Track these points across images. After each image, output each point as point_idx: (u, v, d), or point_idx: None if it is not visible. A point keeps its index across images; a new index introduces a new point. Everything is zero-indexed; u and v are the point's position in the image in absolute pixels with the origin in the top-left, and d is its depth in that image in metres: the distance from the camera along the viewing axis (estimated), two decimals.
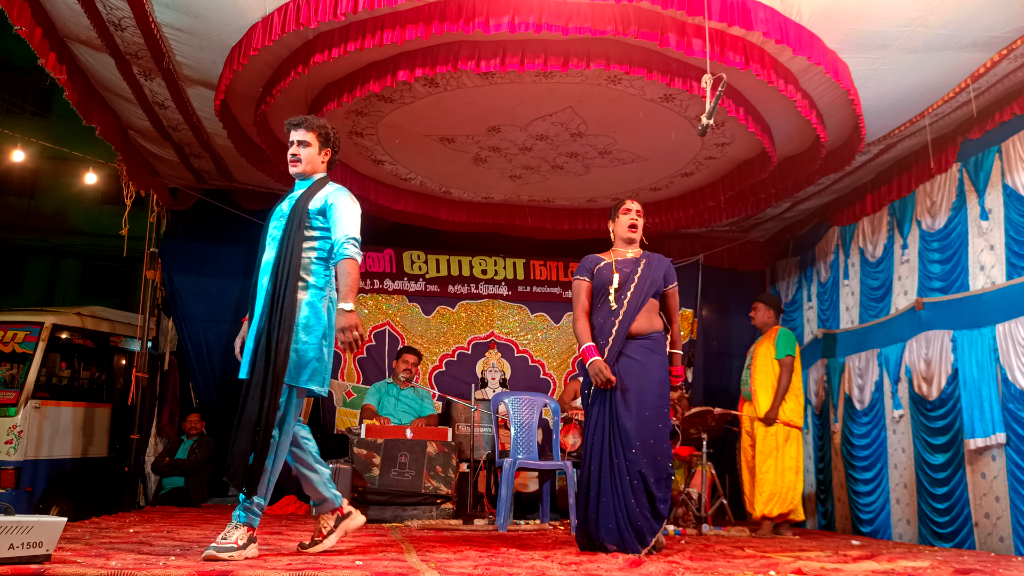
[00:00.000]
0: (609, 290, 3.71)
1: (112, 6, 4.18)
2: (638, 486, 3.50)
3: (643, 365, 3.62)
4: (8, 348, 6.31)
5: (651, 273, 3.76)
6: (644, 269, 3.76)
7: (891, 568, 3.35)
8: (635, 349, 3.65)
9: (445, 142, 5.99)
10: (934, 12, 3.97)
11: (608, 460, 3.55)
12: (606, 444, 3.57)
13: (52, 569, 2.45)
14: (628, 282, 3.72)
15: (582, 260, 3.90)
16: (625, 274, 3.74)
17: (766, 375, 5.80)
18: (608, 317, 3.68)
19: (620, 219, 3.92)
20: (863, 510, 6.07)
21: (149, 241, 6.86)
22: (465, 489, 6.11)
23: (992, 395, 4.80)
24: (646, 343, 3.68)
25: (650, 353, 3.66)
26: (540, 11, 3.96)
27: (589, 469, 3.61)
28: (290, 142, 3.37)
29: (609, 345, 3.63)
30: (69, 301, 14.05)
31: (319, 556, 3.17)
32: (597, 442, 3.60)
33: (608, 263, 3.81)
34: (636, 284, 3.71)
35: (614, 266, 3.78)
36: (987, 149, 5.08)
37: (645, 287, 3.71)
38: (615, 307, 3.68)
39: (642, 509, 3.50)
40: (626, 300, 3.68)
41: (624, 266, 3.78)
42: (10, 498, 5.67)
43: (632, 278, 3.73)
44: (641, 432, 3.54)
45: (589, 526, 3.58)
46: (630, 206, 3.93)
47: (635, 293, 3.69)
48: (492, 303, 7.89)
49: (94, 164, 9.15)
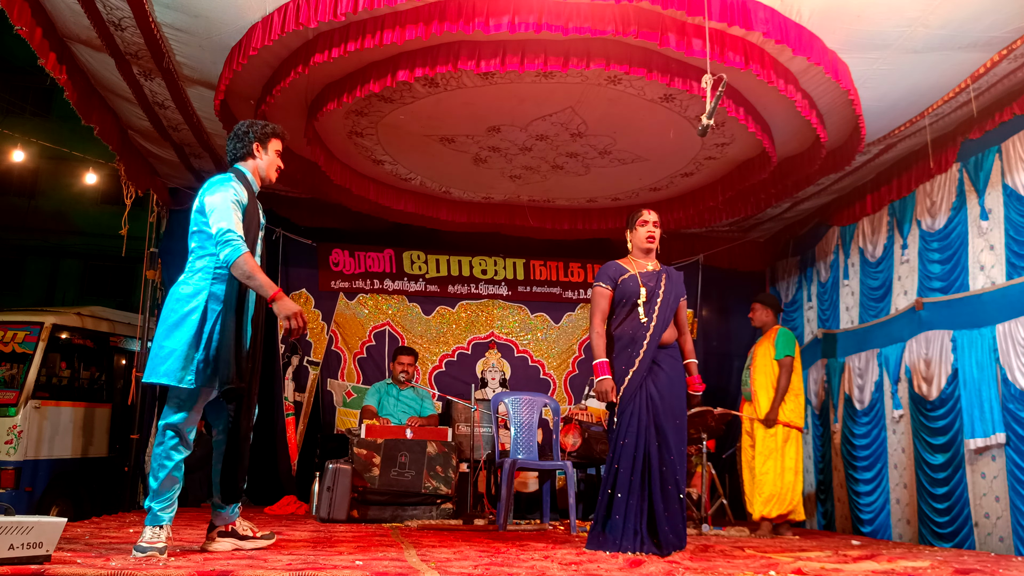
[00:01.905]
0: (638, 303, 3.82)
1: (112, 6, 4.18)
2: (672, 492, 3.57)
3: (670, 376, 3.78)
4: (8, 348, 6.31)
5: (673, 288, 3.92)
6: (667, 284, 3.90)
7: (891, 568, 3.35)
8: (663, 358, 3.81)
9: (445, 142, 5.99)
10: (934, 12, 3.97)
11: (643, 465, 3.59)
12: (641, 448, 3.61)
13: (52, 569, 2.45)
14: (655, 296, 3.84)
15: (604, 266, 3.97)
16: (651, 288, 3.86)
17: (765, 375, 5.80)
18: (639, 329, 3.79)
19: (638, 230, 3.98)
20: (863, 510, 6.07)
21: (149, 241, 6.86)
22: (465, 489, 6.12)
23: (992, 395, 4.80)
24: (671, 351, 3.86)
25: (675, 362, 3.85)
26: (540, 11, 3.96)
27: (618, 472, 3.62)
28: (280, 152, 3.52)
29: (641, 356, 3.74)
30: (69, 301, 14.04)
31: (319, 556, 3.17)
32: (631, 444, 3.62)
33: (633, 275, 3.89)
34: (662, 299, 3.84)
35: (639, 279, 3.87)
36: (987, 149, 5.08)
37: (670, 301, 3.87)
38: (645, 320, 3.79)
39: (672, 516, 3.55)
40: (655, 314, 3.80)
41: (648, 280, 3.89)
42: (10, 498, 5.67)
43: (658, 292, 3.86)
44: (678, 440, 3.65)
45: (611, 529, 3.57)
46: (647, 217, 3.99)
47: (662, 307, 3.83)
48: (492, 303, 7.89)
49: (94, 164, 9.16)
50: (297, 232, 7.53)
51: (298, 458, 7.09)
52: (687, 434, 3.75)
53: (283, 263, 7.45)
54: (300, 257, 7.55)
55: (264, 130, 3.43)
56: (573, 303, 8.00)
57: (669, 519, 3.54)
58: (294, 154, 6.17)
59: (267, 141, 3.43)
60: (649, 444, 3.61)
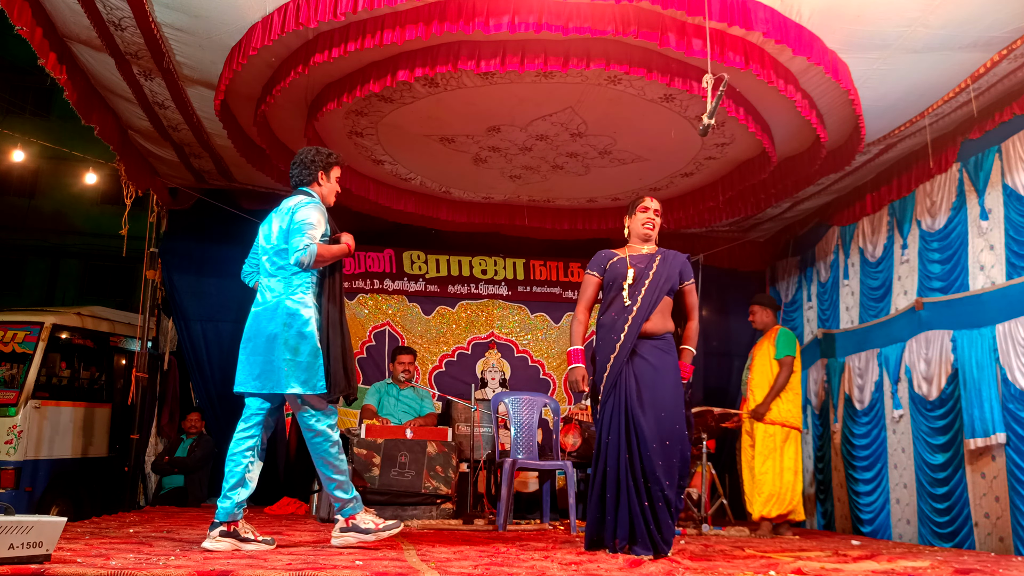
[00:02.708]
0: (623, 285, 3.60)
1: (112, 6, 4.18)
2: (655, 489, 3.36)
3: (656, 367, 3.52)
4: (8, 348, 6.30)
5: (666, 269, 3.65)
6: (659, 265, 3.65)
7: (891, 568, 3.35)
8: (648, 350, 3.55)
9: (445, 142, 5.99)
10: (934, 12, 3.97)
11: (626, 461, 3.41)
12: (622, 444, 3.43)
13: (52, 569, 2.45)
14: (643, 278, 3.61)
15: (596, 254, 3.82)
16: (639, 270, 3.64)
17: (763, 375, 5.81)
18: (621, 313, 3.57)
19: (637, 216, 3.80)
20: (863, 510, 6.08)
21: (149, 241, 6.86)
22: (465, 489, 6.12)
23: (992, 395, 4.80)
24: (659, 343, 3.58)
25: (663, 354, 3.57)
26: (540, 11, 3.96)
27: (604, 469, 3.47)
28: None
29: (621, 342, 3.52)
30: (69, 301, 14.04)
31: (319, 556, 3.17)
32: (613, 442, 3.46)
33: (622, 258, 3.71)
34: (651, 281, 3.60)
35: (628, 261, 3.68)
36: (987, 149, 5.08)
37: (660, 284, 3.60)
38: (628, 303, 3.57)
39: (659, 513, 3.36)
40: (640, 297, 3.57)
41: (638, 261, 3.68)
42: (10, 498, 5.67)
43: (647, 274, 3.62)
44: (659, 433, 3.41)
45: (605, 528, 3.46)
46: (648, 204, 3.80)
47: (649, 290, 3.58)
48: (492, 303, 7.89)
49: (94, 164, 9.15)
50: None
51: (297, 458, 7.08)
52: (683, 423, 3.48)
53: None
54: None
55: (328, 159, 3.69)
56: (573, 303, 7.87)
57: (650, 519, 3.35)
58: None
59: (330, 170, 3.69)
60: (624, 438, 3.42)
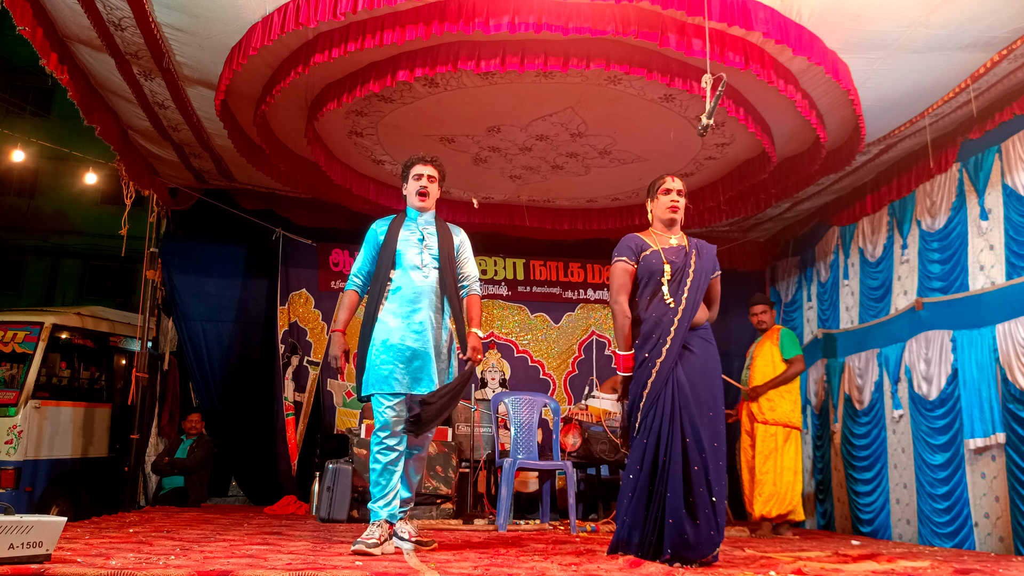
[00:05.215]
0: (661, 281, 3.37)
1: (112, 6, 4.18)
2: (704, 495, 3.15)
3: (702, 358, 3.34)
4: (8, 348, 6.30)
5: (703, 264, 3.45)
6: (696, 261, 3.43)
7: (891, 568, 3.35)
8: (694, 340, 3.36)
9: (445, 142, 5.99)
10: (934, 12, 3.97)
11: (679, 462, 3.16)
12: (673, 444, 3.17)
13: (52, 569, 2.45)
14: (683, 276, 3.38)
15: (623, 239, 3.51)
16: (677, 265, 3.40)
17: (765, 375, 5.80)
18: (665, 313, 3.33)
19: (659, 199, 3.51)
20: (863, 510, 6.08)
21: (149, 241, 6.86)
22: (465, 489, 6.12)
23: (992, 395, 4.80)
24: (702, 333, 3.41)
25: (707, 344, 3.40)
26: (540, 11, 3.96)
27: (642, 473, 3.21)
28: (417, 175, 3.74)
29: (668, 345, 3.27)
30: (69, 301, 14.05)
31: (319, 556, 3.17)
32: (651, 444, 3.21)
33: (655, 251, 3.43)
34: (692, 279, 3.38)
35: (663, 255, 3.41)
36: (987, 149, 5.08)
37: (701, 282, 3.40)
38: (672, 303, 3.33)
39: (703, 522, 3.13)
40: (684, 296, 3.34)
41: (672, 255, 3.43)
42: (10, 498, 5.67)
43: (687, 271, 3.39)
44: (710, 435, 3.22)
45: (645, 531, 3.18)
46: (671, 185, 3.50)
47: (692, 288, 3.37)
48: (492, 303, 7.88)
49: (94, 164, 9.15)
50: (297, 232, 7.53)
51: (298, 458, 7.09)
52: (724, 422, 3.28)
53: (283, 263, 7.45)
54: (300, 257, 7.55)
55: (405, 163, 3.81)
56: (573, 303, 8.00)
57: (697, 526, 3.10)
58: (294, 154, 6.17)
59: (406, 172, 3.79)
60: (674, 442, 3.17)
